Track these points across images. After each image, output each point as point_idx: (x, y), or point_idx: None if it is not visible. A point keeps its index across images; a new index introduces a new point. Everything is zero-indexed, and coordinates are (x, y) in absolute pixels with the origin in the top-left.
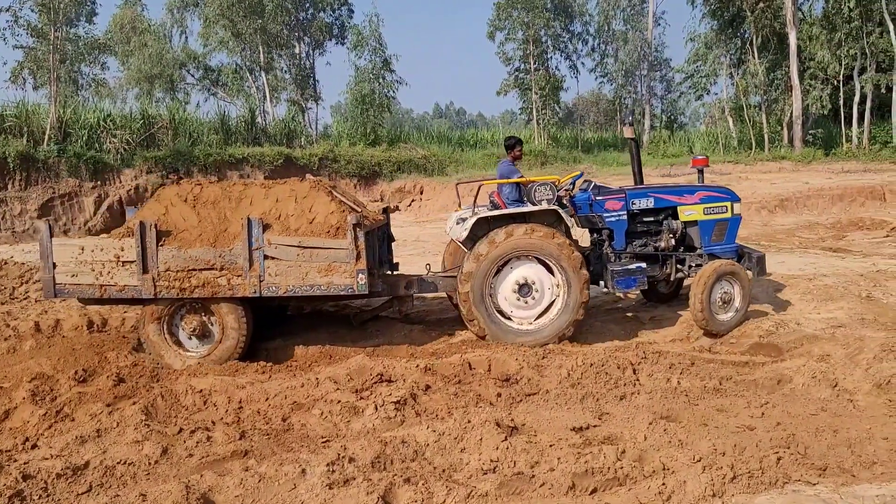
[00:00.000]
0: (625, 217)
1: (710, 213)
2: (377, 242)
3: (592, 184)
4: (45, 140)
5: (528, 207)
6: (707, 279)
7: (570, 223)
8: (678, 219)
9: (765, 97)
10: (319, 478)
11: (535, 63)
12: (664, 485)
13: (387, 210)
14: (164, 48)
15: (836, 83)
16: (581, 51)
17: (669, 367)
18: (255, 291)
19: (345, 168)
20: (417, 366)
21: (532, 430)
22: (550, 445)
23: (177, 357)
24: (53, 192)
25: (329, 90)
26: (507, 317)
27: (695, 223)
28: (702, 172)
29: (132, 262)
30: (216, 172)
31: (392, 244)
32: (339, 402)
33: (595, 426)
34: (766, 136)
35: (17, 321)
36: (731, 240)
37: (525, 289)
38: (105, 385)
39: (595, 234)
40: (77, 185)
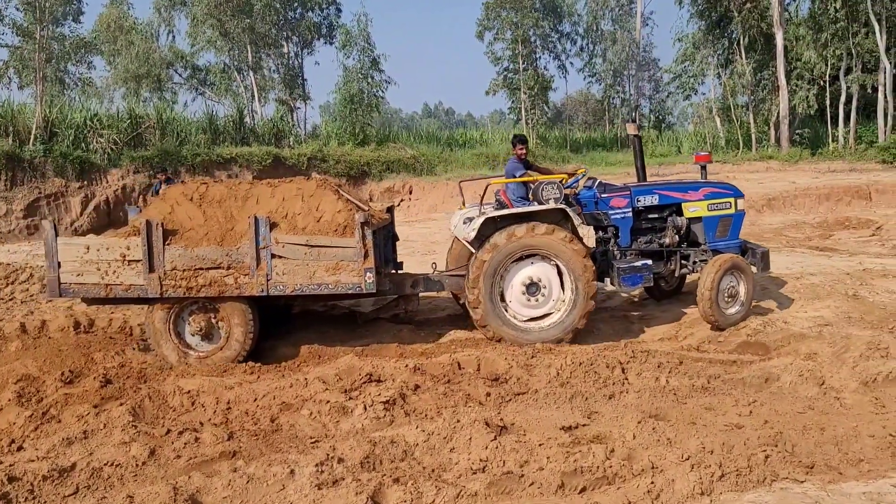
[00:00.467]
0: (630, 214)
1: (715, 210)
2: (382, 241)
3: (597, 181)
4: (31, 140)
5: (536, 206)
6: (714, 274)
7: (578, 221)
8: (683, 215)
9: (752, 97)
10: (308, 478)
11: (524, 63)
12: (653, 483)
13: (391, 209)
14: (152, 47)
15: (823, 83)
16: (570, 51)
17: (658, 366)
18: (263, 290)
19: (333, 168)
20: (407, 365)
21: (521, 430)
22: (540, 445)
23: (183, 356)
24: (39, 193)
25: (318, 90)
26: (516, 315)
27: (699, 219)
28: (704, 169)
29: (138, 262)
30: (204, 172)
31: (396, 243)
32: (328, 403)
33: (584, 425)
34: (754, 136)
35: (3, 322)
36: (735, 235)
37: (533, 287)
38: (92, 386)
39: (600, 232)
40: (63, 185)
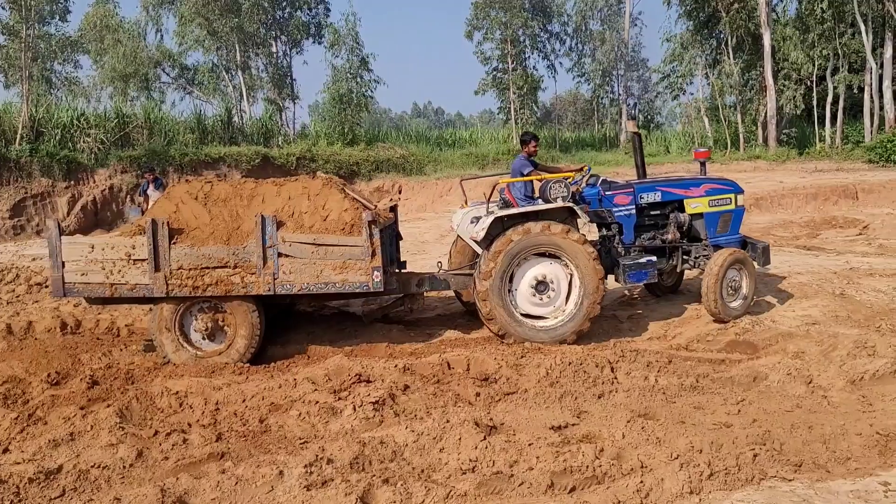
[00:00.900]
0: (633, 211)
1: (715, 206)
2: (387, 240)
3: (601, 178)
4: (17, 139)
5: (544, 205)
6: (718, 268)
7: (585, 220)
8: (685, 211)
9: (740, 97)
10: (297, 479)
11: (513, 63)
12: (642, 483)
13: (394, 208)
14: (139, 46)
15: (810, 83)
16: (559, 50)
17: (647, 366)
18: (270, 289)
19: (323, 168)
20: (396, 366)
21: (511, 430)
22: (529, 444)
23: (188, 356)
24: (26, 192)
25: (307, 89)
26: (526, 314)
27: (700, 215)
28: (704, 165)
29: (143, 261)
30: (192, 172)
31: (399, 242)
32: (317, 403)
33: (573, 425)
34: (741, 136)
35: None
36: (736, 231)
37: (542, 286)
38: (78, 388)
39: (604, 229)
40: (50, 185)
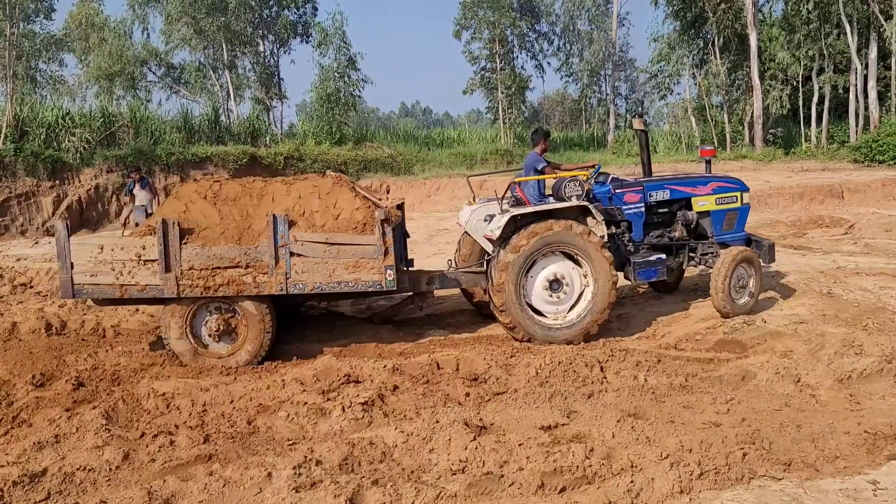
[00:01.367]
0: (643, 209)
1: (722, 203)
2: (398, 238)
3: (610, 176)
4: (2, 139)
5: (559, 204)
6: (728, 265)
7: (600, 218)
8: (692, 209)
9: (726, 97)
10: (286, 481)
11: (501, 62)
12: (633, 482)
13: (401, 206)
14: (125, 45)
15: (796, 84)
16: (547, 50)
17: (636, 365)
18: (282, 289)
19: (311, 167)
20: (385, 366)
21: (501, 430)
22: (519, 444)
23: (199, 357)
24: (10, 192)
25: (294, 89)
26: (540, 313)
27: (707, 213)
28: (709, 163)
29: (154, 261)
30: (179, 171)
31: (407, 240)
32: (306, 404)
33: (563, 425)
34: (728, 136)
35: None
36: (741, 228)
37: (556, 284)
38: (64, 389)
39: (613, 227)
40: (35, 185)
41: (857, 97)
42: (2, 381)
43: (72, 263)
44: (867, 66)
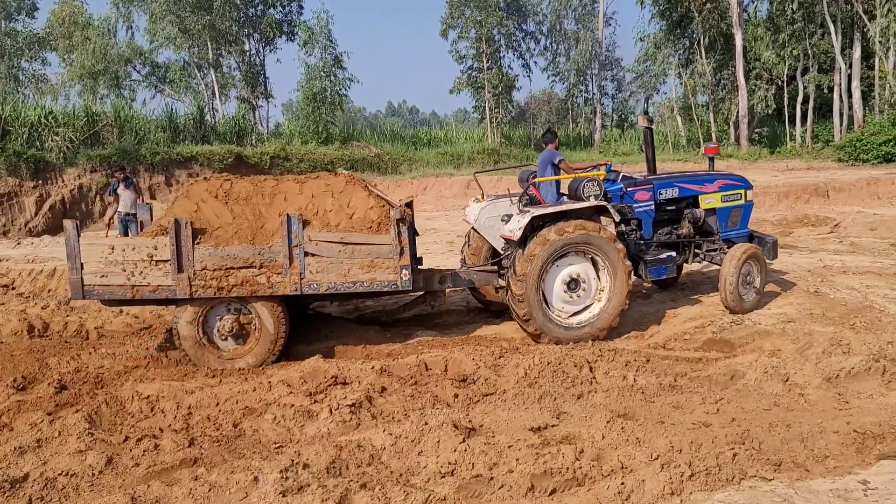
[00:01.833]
0: (652, 207)
1: (728, 201)
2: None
3: (621, 174)
4: None
5: (578, 204)
6: (738, 262)
7: (617, 218)
8: (699, 207)
9: (712, 97)
10: (273, 485)
11: (488, 61)
12: (623, 484)
13: (410, 203)
14: (109, 43)
15: (780, 83)
16: (533, 50)
17: (625, 365)
18: (297, 289)
19: (297, 167)
20: (373, 367)
21: (490, 431)
22: (509, 446)
23: (212, 358)
24: None
25: (281, 88)
26: (558, 312)
27: (713, 210)
28: (713, 160)
29: (166, 262)
30: (163, 171)
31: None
32: (293, 406)
33: (553, 426)
34: (714, 135)
35: None
36: (744, 225)
37: (574, 284)
38: (46, 392)
39: (622, 225)
40: (17, 185)
41: (841, 97)
42: None
43: (82, 264)
44: (851, 66)
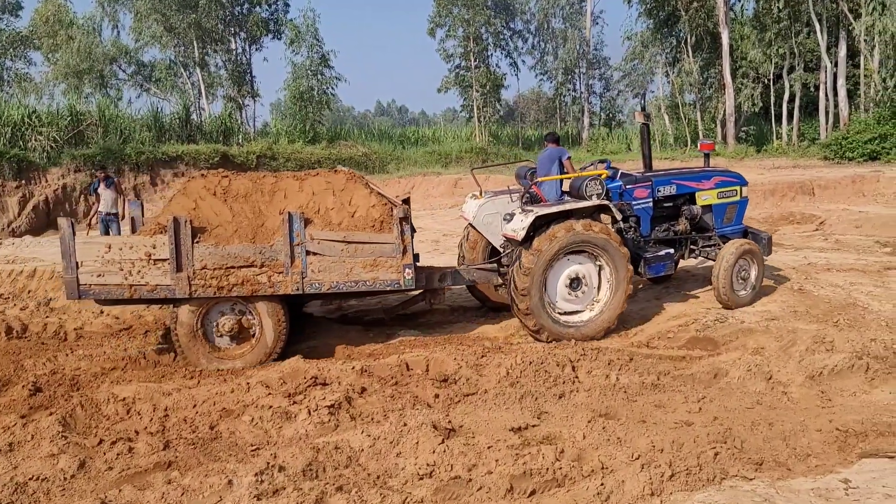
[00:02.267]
0: (651, 204)
1: (724, 197)
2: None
3: (619, 172)
4: None
5: (581, 203)
6: (730, 258)
7: (619, 216)
8: (696, 203)
9: (699, 95)
10: (247, 488)
11: (476, 60)
12: (602, 485)
13: (407, 200)
14: (94, 42)
15: (767, 82)
16: (521, 48)
17: (608, 364)
18: (298, 288)
19: (283, 166)
20: (353, 367)
21: (470, 432)
22: (488, 447)
23: (211, 358)
24: None
25: (268, 87)
26: (563, 312)
27: (709, 207)
28: (708, 157)
29: (165, 261)
30: (148, 170)
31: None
32: (271, 408)
33: (534, 426)
34: (701, 133)
35: None
36: (739, 221)
37: (576, 283)
38: (20, 395)
39: (620, 222)
40: (0, 185)
41: (827, 95)
42: None
43: (77, 263)
44: (837, 65)
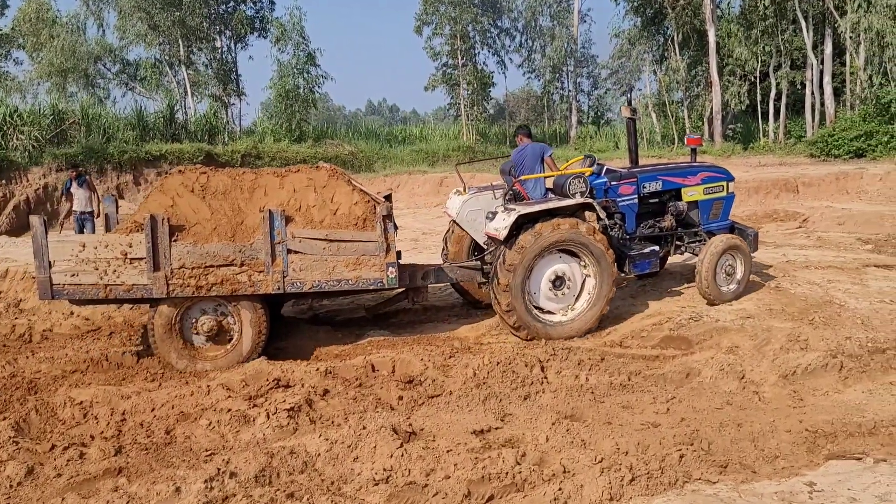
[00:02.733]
0: (636, 200)
1: (710, 193)
2: None
3: (604, 168)
4: None
5: (565, 201)
6: (714, 253)
7: (603, 214)
8: (682, 199)
9: (686, 93)
10: (195, 496)
11: (463, 58)
12: (560, 490)
13: (389, 197)
14: (78, 41)
15: (754, 79)
16: (509, 46)
17: (578, 364)
18: (279, 288)
19: (269, 165)
20: (318, 369)
21: (431, 435)
22: (448, 451)
23: (189, 360)
24: None
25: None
26: (544, 310)
27: (695, 203)
28: (695, 151)
29: (141, 260)
30: (132, 170)
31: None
32: (229, 411)
33: (497, 428)
34: (688, 131)
35: None
36: (726, 217)
37: (559, 282)
38: None
39: (605, 219)
40: None
41: (814, 93)
42: None
43: (50, 262)
44: (823, 62)
